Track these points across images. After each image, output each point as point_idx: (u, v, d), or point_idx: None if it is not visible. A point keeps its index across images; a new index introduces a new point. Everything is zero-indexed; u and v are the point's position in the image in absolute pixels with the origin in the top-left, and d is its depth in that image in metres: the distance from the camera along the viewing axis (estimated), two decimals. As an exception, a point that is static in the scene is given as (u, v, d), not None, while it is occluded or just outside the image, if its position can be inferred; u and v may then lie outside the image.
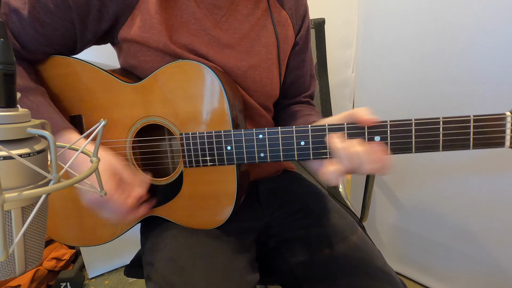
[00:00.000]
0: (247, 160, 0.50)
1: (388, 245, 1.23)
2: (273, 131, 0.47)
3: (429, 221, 1.07)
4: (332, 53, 1.13)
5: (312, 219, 0.61)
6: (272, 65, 0.62)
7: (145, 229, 0.62)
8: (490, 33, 0.81)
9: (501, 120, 0.41)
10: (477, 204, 0.95)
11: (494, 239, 0.95)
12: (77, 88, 0.56)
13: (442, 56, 0.90)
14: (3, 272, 0.24)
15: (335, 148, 0.44)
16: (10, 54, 0.24)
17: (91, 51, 0.60)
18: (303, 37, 0.67)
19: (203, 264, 0.51)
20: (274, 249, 0.62)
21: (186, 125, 0.53)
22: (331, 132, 0.45)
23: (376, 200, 1.20)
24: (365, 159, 0.42)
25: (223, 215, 0.56)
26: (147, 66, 0.55)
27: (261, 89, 0.62)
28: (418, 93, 0.97)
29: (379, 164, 0.42)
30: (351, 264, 0.54)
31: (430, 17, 0.89)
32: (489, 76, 0.83)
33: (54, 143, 0.23)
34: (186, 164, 0.53)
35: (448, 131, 0.42)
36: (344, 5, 1.18)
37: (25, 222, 0.23)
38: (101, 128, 0.28)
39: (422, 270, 1.16)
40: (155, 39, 0.53)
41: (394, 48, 0.99)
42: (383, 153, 0.42)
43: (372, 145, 0.43)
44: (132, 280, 1.29)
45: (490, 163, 0.89)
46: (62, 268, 1.26)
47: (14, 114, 0.24)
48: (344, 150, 0.43)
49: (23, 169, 0.23)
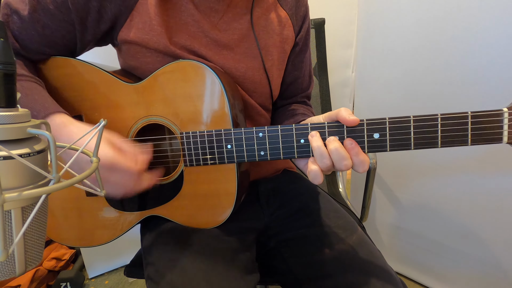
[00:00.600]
0: (247, 159, 0.50)
1: (388, 245, 1.23)
2: (273, 129, 0.48)
3: (429, 221, 1.07)
4: (332, 53, 1.14)
5: (312, 219, 0.61)
6: (271, 66, 0.62)
7: (145, 229, 0.62)
8: (490, 33, 0.81)
9: (498, 116, 0.41)
10: (477, 204, 0.95)
11: (494, 239, 0.95)
12: (77, 88, 0.56)
13: (442, 56, 0.90)
14: (3, 272, 0.24)
15: (311, 147, 0.45)
16: (10, 54, 0.24)
17: (92, 52, 0.60)
18: (303, 38, 0.67)
19: (203, 264, 0.51)
20: (274, 249, 0.62)
21: (187, 124, 0.53)
22: (329, 129, 0.45)
23: (376, 200, 1.20)
24: (334, 156, 0.43)
25: (223, 215, 0.56)
26: (147, 67, 0.55)
27: (260, 89, 0.62)
28: (418, 93, 0.97)
29: (348, 161, 0.43)
30: (351, 263, 0.54)
31: (430, 17, 0.89)
32: (489, 76, 0.83)
33: (54, 143, 0.23)
34: (187, 163, 0.53)
35: (446, 127, 0.42)
36: (344, 5, 1.18)
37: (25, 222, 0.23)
38: (101, 128, 0.29)
39: (422, 270, 1.16)
40: (155, 40, 0.53)
41: (394, 48, 0.99)
42: (353, 150, 0.43)
43: (346, 142, 0.44)
44: (132, 280, 1.30)
45: (490, 163, 0.89)
46: (62, 268, 1.27)
47: (14, 114, 0.24)
48: (317, 149, 0.45)
49: (23, 169, 0.23)
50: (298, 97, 0.73)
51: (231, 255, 0.54)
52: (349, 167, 0.44)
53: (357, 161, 0.43)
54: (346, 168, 0.44)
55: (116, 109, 0.55)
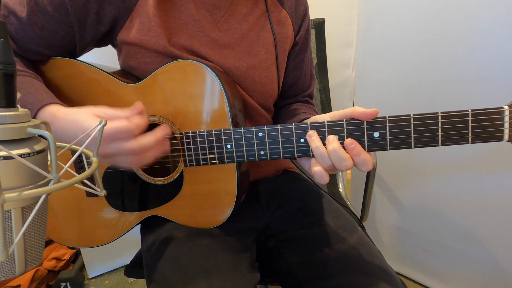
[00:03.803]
0: (247, 158, 0.50)
1: (388, 245, 1.23)
2: (272, 129, 0.48)
3: (429, 221, 1.07)
4: (332, 53, 1.13)
5: (312, 219, 0.61)
6: (271, 65, 0.62)
7: (145, 229, 0.62)
8: (490, 31, 0.81)
9: (499, 114, 0.41)
10: (477, 204, 0.95)
11: (494, 239, 0.95)
12: (77, 88, 0.56)
13: (442, 56, 0.90)
14: (3, 272, 0.24)
15: (311, 148, 0.45)
16: (10, 54, 0.24)
17: (92, 52, 0.60)
18: (303, 37, 0.67)
19: (204, 264, 0.51)
20: (274, 249, 0.62)
21: (186, 124, 0.53)
22: (329, 128, 0.45)
23: (376, 200, 1.20)
24: (333, 158, 0.43)
25: (223, 214, 0.56)
26: (146, 67, 0.55)
27: (261, 89, 0.62)
28: (418, 93, 0.97)
29: (348, 162, 0.43)
30: (350, 263, 0.54)
31: (430, 17, 0.89)
32: (489, 74, 0.83)
33: (54, 143, 0.23)
34: (187, 163, 0.53)
35: (447, 125, 0.42)
36: (344, 5, 1.18)
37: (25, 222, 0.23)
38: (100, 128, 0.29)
39: (422, 270, 1.16)
40: (154, 41, 0.53)
41: (394, 48, 0.99)
42: (354, 150, 0.43)
43: (346, 142, 0.43)
44: (132, 280, 1.30)
45: (490, 163, 0.90)
46: (62, 268, 1.27)
47: (14, 114, 0.24)
48: (316, 150, 0.44)
49: (23, 169, 0.23)
50: (299, 97, 0.73)
51: (231, 255, 0.54)
52: (349, 167, 0.43)
53: (359, 161, 0.43)
54: (346, 168, 0.43)
55: (116, 109, 0.55)
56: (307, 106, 0.72)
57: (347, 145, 0.43)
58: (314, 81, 0.75)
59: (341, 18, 1.19)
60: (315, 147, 0.44)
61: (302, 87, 0.72)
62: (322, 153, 0.44)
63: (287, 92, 0.71)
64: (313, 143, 0.45)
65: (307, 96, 0.74)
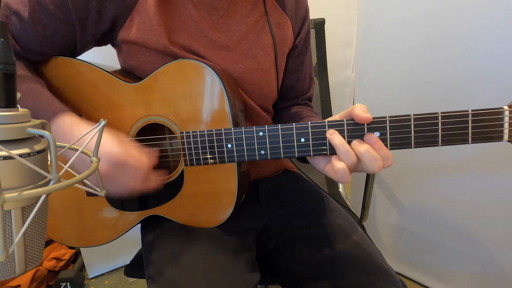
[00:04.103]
0: (247, 158, 0.50)
1: (388, 245, 1.23)
2: (273, 129, 0.48)
3: (429, 221, 1.07)
4: (332, 53, 1.13)
5: (312, 219, 0.61)
6: (270, 67, 0.62)
7: (145, 229, 0.62)
8: (491, 33, 0.81)
9: (499, 114, 0.42)
10: (477, 204, 0.95)
11: (494, 239, 0.95)
12: (77, 88, 0.56)
13: (442, 56, 0.90)
14: (3, 272, 0.24)
15: (334, 145, 0.44)
16: (10, 54, 0.24)
17: (92, 52, 0.60)
18: (303, 40, 0.67)
19: (204, 263, 0.51)
20: (274, 249, 0.62)
21: (187, 124, 0.53)
22: (329, 128, 0.45)
23: (376, 200, 1.20)
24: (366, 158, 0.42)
25: (224, 214, 0.56)
26: (147, 66, 0.55)
27: (259, 91, 0.62)
28: (418, 93, 0.97)
29: (381, 162, 0.42)
30: (351, 263, 0.54)
31: (430, 17, 0.89)
32: (489, 74, 0.83)
33: (54, 143, 0.23)
34: (187, 163, 0.53)
35: (447, 125, 0.42)
36: (344, 5, 1.18)
37: (25, 222, 0.23)
38: (101, 128, 0.28)
39: (422, 270, 1.16)
40: (155, 40, 0.53)
41: (394, 48, 0.99)
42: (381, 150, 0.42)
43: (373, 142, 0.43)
44: (132, 280, 1.30)
45: (490, 163, 0.90)
46: (62, 268, 1.27)
47: (14, 114, 0.24)
48: (340, 146, 0.43)
49: (23, 169, 0.23)
50: (299, 99, 0.73)
51: (231, 254, 0.54)
52: (381, 167, 0.42)
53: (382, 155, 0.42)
54: (379, 169, 0.42)
55: (116, 109, 0.55)
56: (309, 109, 0.72)
57: (368, 140, 0.43)
58: (313, 84, 0.75)
59: (341, 18, 1.19)
60: (340, 144, 0.43)
61: (301, 90, 0.72)
62: (347, 148, 0.43)
63: (286, 94, 0.71)
64: (337, 139, 0.43)
65: (306, 99, 0.74)
